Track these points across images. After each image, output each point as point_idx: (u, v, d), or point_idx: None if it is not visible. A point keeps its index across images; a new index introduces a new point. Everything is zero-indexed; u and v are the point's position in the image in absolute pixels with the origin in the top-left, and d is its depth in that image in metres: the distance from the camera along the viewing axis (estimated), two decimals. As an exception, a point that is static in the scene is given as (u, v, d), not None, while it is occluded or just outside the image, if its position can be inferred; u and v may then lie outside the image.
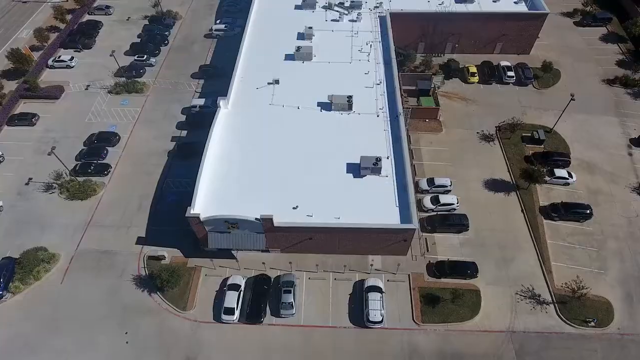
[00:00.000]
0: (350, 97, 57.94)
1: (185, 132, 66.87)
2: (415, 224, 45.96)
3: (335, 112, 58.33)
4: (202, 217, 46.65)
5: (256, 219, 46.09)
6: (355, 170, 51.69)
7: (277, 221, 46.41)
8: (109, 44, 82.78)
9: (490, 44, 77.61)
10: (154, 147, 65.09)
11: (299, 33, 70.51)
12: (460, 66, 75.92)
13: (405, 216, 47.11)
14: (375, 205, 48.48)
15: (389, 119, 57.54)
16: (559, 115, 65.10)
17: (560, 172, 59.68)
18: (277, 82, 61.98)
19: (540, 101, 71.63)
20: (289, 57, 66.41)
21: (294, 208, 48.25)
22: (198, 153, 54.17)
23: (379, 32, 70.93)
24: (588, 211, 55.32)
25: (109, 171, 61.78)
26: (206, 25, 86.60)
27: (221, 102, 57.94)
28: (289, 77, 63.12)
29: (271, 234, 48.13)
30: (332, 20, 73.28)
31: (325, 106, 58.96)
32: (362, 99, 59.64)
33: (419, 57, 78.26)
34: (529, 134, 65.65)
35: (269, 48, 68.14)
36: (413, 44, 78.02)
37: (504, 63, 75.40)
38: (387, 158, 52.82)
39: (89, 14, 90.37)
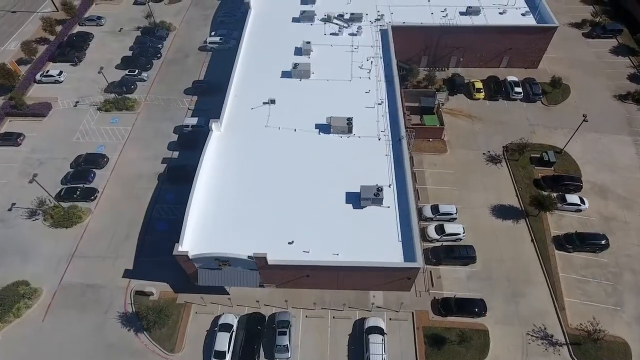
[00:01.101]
0: (350, 119, 54.77)
1: (177, 153, 63.71)
2: (419, 263, 42.79)
3: (334, 135, 55.17)
4: (191, 254, 43.53)
5: (249, 257, 42.95)
6: (355, 200, 48.54)
7: (272, 259, 43.26)
8: (99, 57, 79.68)
9: (496, 57, 74.34)
10: (143, 169, 61.96)
11: (296, 48, 67.29)
12: (465, 81, 72.70)
13: (409, 253, 43.93)
14: (377, 239, 45.34)
15: (391, 142, 54.34)
16: (570, 136, 62.02)
17: (572, 198, 56.46)
18: (272, 102, 58.80)
19: (549, 118, 68.39)
20: (285, 75, 63.21)
21: (289, 243, 45.14)
22: (189, 177, 51.24)
23: (380, 47, 67.69)
24: (604, 242, 52.10)
25: (96, 196, 58.68)
26: (201, 36, 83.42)
27: (213, 125, 54.78)
28: (285, 96, 59.97)
29: (265, 270, 44.99)
30: (332, 33, 70.08)
31: (324, 128, 55.79)
32: (363, 121, 56.47)
33: (422, 70, 75.14)
34: (538, 155, 62.45)
35: (264, 64, 64.95)
36: (416, 58, 74.78)
37: (510, 78, 72.14)
38: (389, 186, 49.66)
39: (79, 25, 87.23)
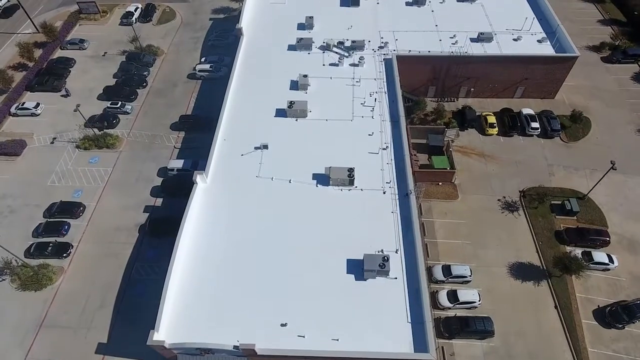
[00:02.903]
0: (351, 170, 48.87)
1: (161, 200, 57.87)
2: (432, 354, 36.91)
3: (334, 188, 49.25)
4: (168, 343, 37.72)
5: (235, 347, 37.15)
6: (358, 269, 42.66)
7: (261, 348, 37.43)
8: (81, 86, 73.79)
9: (510, 88, 68.37)
10: (123, 219, 56.14)
11: (292, 81, 61.32)
12: (477, 113, 66.77)
13: (420, 341, 38.05)
14: (383, 320, 39.52)
15: (397, 196, 48.45)
16: (592, 177, 56.67)
17: (600, 256, 50.57)
18: (265, 147, 52.93)
19: (569, 157, 62.47)
20: (280, 113, 57.28)
21: (282, 325, 39.33)
22: (173, 230, 45.63)
23: (384, 80, 61.69)
24: None
25: (70, 252, 52.88)
26: (190, 62, 77.47)
27: (198, 178, 48.90)
28: (279, 140, 54.09)
29: (255, 358, 39.17)
30: (331, 64, 64.07)
31: (322, 180, 49.87)
32: (366, 170, 50.56)
33: (429, 101, 69.24)
34: (559, 202, 56.59)
35: (257, 101, 58.99)
36: (422, 88, 68.87)
37: (526, 111, 66.16)
38: (396, 252, 43.81)
39: (61, 49, 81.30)
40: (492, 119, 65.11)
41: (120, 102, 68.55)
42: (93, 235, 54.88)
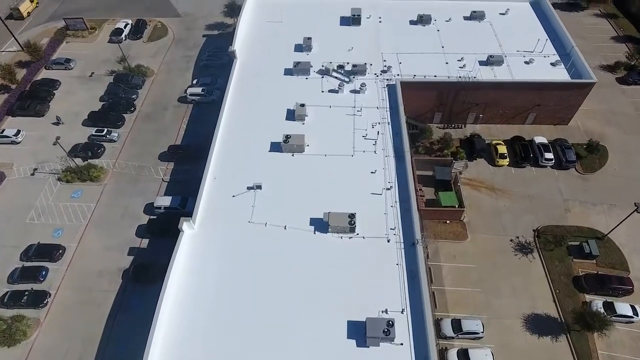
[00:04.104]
0: (352, 216, 44.64)
1: (147, 241, 53.72)
2: None
3: (333, 236, 45.02)
4: None
5: None
6: (360, 334, 38.44)
7: None
8: (65, 109, 69.60)
9: (521, 114, 64.14)
10: (106, 263, 51.98)
11: (288, 110, 57.10)
12: (486, 141, 62.58)
13: (429, 423, 33.99)
14: (388, 396, 35.44)
15: (403, 245, 44.24)
16: (611, 213, 52.87)
17: (623, 307, 46.43)
18: (259, 187, 48.73)
19: (585, 191, 58.28)
20: (275, 147, 53.03)
21: (275, 402, 35.27)
22: (159, 277, 41.94)
23: (388, 108, 57.46)
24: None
25: (47, 302, 48.74)
26: (181, 83, 73.25)
27: (184, 225, 44.70)
28: (274, 178, 49.91)
29: None
30: (330, 90, 59.86)
31: (321, 226, 45.62)
32: (368, 214, 46.33)
33: (435, 127, 65.07)
34: (577, 244, 52.43)
35: (251, 133, 54.74)
36: (428, 114, 64.68)
37: (539, 140, 61.94)
38: (402, 312, 39.65)
39: (46, 69, 77.09)
40: (502, 149, 60.86)
41: (105, 129, 64.36)
42: (73, 280, 50.74)
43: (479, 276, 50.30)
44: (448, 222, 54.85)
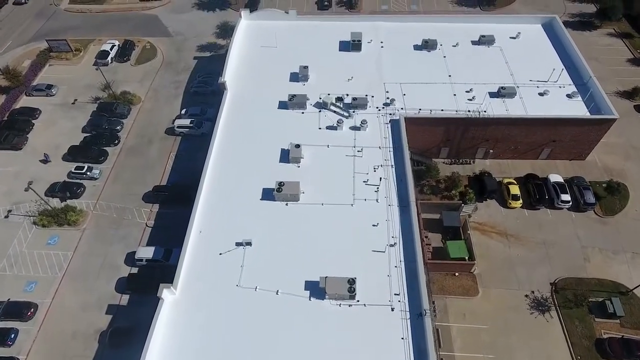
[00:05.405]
0: (352, 281, 39.95)
1: (128, 297, 49.07)
2: None
3: (331, 303, 40.33)
4: None
5: None
6: None
7: None
8: (45, 142, 65.03)
9: (535, 149, 59.42)
10: (81, 323, 47.38)
11: (282, 151, 52.42)
12: (497, 179, 57.90)
13: None
14: None
15: (409, 314, 39.57)
16: (634, 262, 48.07)
17: (653, 380, 41.86)
18: (248, 243, 44.05)
19: (605, 237, 53.60)
20: (267, 194, 48.32)
21: None
22: (139, 343, 37.72)
23: (391, 148, 52.75)
24: None
25: (14, 371, 44.29)
26: (169, 112, 68.50)
27: (165, 292, 40.01)
28: (266, 232, 45.25)
29: None
30: (328, 127, 55.16)
31: (317, 291, 40.96)
32: (370, 275, 41.69)
33: (442, 163, 60.37)
34: (599, 300, 47.79)
35: (241, 179, 50.01)
36: (434, 149, 59.98)
37: (554, 178, 57.24)
38: (408, 399, 35.09)
39: (27, 96, 72.42)
40: (515, 190, 56.13)
41: (86, 166, 59.75)
42: (45, 344, 46.15)
43: (492, 339, 45.63)
44: (457, 274, 50.19)
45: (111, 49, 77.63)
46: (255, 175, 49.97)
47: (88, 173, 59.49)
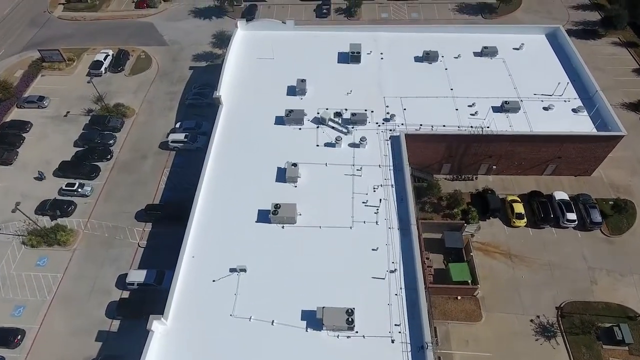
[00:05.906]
0: (350, 312, 38.29)
1: (118, 323, 47.37)
2: None
3: (328, 334, 38.65)
4: None
5: None
6: None
7: None
8: (36, 156, 63.30)
9: (539, 165, 57.71)
10: (70, 351, 45.66)
11: (279, 170, 50.71)
12: (501, 196, 56.20)
13: None
14: None
15: (410, 347, 37.89)
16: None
17: (665, 413, 40.17)
18: (243, 270, 42.37)
19: (613, 257, 51.91)
20: (263, 217, 46.62)
21: None
22: None
23: (391, 166, 51.05)
24: None
25: (-1, 403, 42.66)
26: (164, 125, 66.75)
27: (154, 323, 38.30)
28: (261, 258, 43.55)
29: None
30: (326, 144, 53.44)
31: (314, 321, 39.25)
32: (369, 303, 40.05)
33: (443, 179, 58.66)
34: (607, 325, 46.11)
35: (236, 200, 48.25)
36: (435, 165, 58.28)
37: (559, 196, 55.52)
38: None
39: (18, 108, 70.70)
40: (519, 208, 54.44)
41: (77, 183, 58.07)
42: (31, 374, 44.55)
43: (496, 368, 44.01)
44: (459, 298, 48.52)
45: (105, 59, 75.88)
46: (250, 196, 48.30)
47: (79, 190, 57.80)
